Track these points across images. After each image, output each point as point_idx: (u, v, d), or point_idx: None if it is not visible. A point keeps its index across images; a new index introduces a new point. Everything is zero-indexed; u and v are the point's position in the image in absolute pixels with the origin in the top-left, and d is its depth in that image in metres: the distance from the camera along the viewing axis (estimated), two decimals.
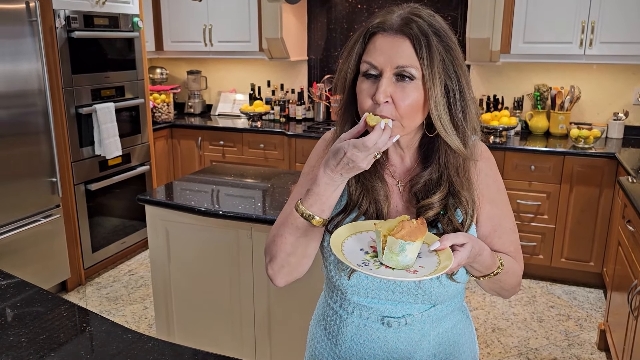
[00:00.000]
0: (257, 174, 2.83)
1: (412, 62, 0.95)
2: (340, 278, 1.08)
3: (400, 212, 1.08)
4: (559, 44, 3.55)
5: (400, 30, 0.95)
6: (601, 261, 3.46)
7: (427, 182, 1.04)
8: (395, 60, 0.95)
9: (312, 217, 0.98)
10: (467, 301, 3.36)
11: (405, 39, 0.95)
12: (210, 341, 2.50)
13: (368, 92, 0.97)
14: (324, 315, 1.20)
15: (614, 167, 3.30)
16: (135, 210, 3.96)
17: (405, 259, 0.90)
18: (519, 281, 1.14)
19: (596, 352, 2.85)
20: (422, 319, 1.10)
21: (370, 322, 1.11)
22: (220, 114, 4.90)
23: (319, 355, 1.21)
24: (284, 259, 1.06)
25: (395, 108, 0.95)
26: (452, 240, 0.92)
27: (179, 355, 1.18)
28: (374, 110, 0.95)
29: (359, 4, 4.31)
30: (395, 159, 1.10)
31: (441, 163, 1.03)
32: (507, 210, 1.13)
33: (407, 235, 0.88)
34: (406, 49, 0.95)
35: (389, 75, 0.95)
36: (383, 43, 0.96)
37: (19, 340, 1.22)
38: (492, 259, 1.02)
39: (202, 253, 2.41)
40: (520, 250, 1.15)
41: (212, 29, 4.43)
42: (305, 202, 0.98)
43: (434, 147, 1.05)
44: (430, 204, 1.02)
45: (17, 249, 3.09)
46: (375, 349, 1.11)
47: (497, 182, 1.12)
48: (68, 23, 3.30)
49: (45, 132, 3.20)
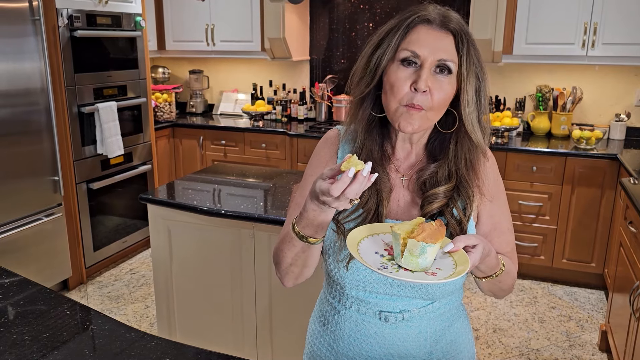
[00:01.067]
0: (259, 173, 2.84)
1: (453, 57, 1.00)
2: (339, 271, 1.09)
3: (402, 204, 1.10)
4: (561, 45, 3.55)
5: (445, 25, 1.00)
6: (603, 262, 3.46)
7: (434, 174, 1.07)
8: (439, 54, 0.99)
9: (307, 239, 0.99)
10: (469, 302, 3.36)
11: (449, 34, 1.00)
12: (211, 340, 2.50)
13: (406, 80, 0.99)
14: (323, 311, 1.21)
15: (615, 169, 3.30)
16: (137, 209, 3.97)
17: (425, 261, 0.91)
18: (514, 282, 1.16)
19: (597, 353, 2.85)
20: (419, 315, 1.10)
21: (368, 317, 1.11)
22: (222, 114, 4.90)
23: (317, 351, 1.22)
24: (287, 268, 1.09)
25: (431, 99, 0.99)
26: (465, 242, 0.93)
27: (181, 354, 1.18)
28: (410, 99, 0.98)
29: (362, 4, 4.31)
30: (401, 154, 1.12)
31: (451, 157, 1.06)
32: (506, 211, 1.15)
33: (429, 237, 0.89)
34: (449, 44, 1.00)
35: (430, 67, 0.99)
36: (428, 35, 1.00)
37: (22, 338, 1.22)
38: (496, 259, 1.04)
39: (203, 252, 2.41)
40: (515, 251, 1.18)
41: (214, 29, 4.44)
42: (299, 224, 0.99)
43: (442, 145, 1.08)
44: (436, 194, 1.05)
45: (19, 247, 3.10)
46: (373, 344, 1.12)
47: (497, 181, 1.14)
48: (71, 22, 3.31)
49: (47, 131, 3.20)
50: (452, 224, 1.04)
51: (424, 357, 1.13)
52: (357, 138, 1.10)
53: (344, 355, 1.15)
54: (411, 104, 0.98)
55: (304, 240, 0.99)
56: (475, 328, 3.09)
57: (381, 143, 1.11)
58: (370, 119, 1.08)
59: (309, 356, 1.25)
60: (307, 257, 1.05)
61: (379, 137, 1.10)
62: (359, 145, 1.09)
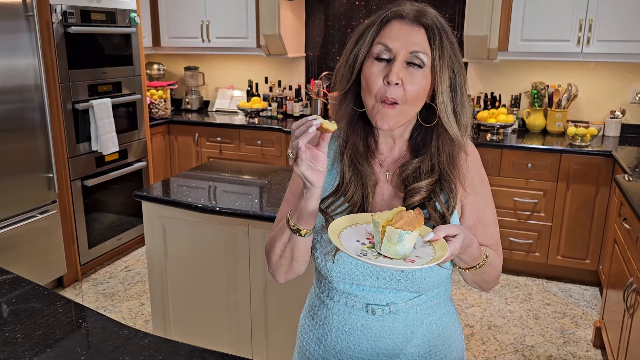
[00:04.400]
0: (254, 170, 2.83)
1: (425, 49, 1.02)
2: (326, 264, 1.10)
3: (386, 198, 1.12)
4: (556, 42, 3.55)
5: (417, 19, 1.03)
6: (597, 259, 3.47)
7: (417, 169, 1.09)
8: (411, 46, 1.01)
9: (299, 231, 1.04)
10: (464, 298, 3.37)
11: (421, 28, 1.03)
12: (206, 337, 2.50)
13: (379, 74, 1.02)
14: (312, 306, 1.23)
15: (610, 165, 3.31)
16: (132, 206, 3.96)
17: (404, 248, 0.92)
18: (499, 273, 1.18)
19: (592, 350, 2.87)
20: (406, 308, 1.12)
21: (355, 310, 1.13)
22: (217, 111, 4.89)
23: (306, 345, 1.23)
24: (276, 261, 1.12)
25: (404, 91, 1.01)
26: (445, 231, 0.95)
27: (175, 351, 1.18)
28: (383, 93, 1.01)
29: (357, 1, 4.30)
30: (384, 149, 1.14)
31: (433, 151, 1.08)
32: (490, 204, 1.17)
33: (406, 225, 0.91)
34: (421, 37, 1.02)
35: (402, 60, 1.01)
36: (400, 29, 1.02)
37: (15, 336, 1.22)
38: (479, 250, 1.06)
39: (198, 249, 2.41)
40: (500, 243, 1.20)
41: (209, 25, 4.42)
42: (292, 217, 1.04)
43: (425, 139, 1.10)
44: (418, 187, 1.07)
45: (13, 244, 3.09)
46: (360, 337, 1.13)
47: (480, 174, 1.16)
48: (65, 18, 3.29)
49: (41, 128, 3.18)
50: (435, 217, 1.06)
51: (411, 349, 1.14)
52: (342, 134, 1.13)
53: (332, 348, 1.17)
54: (384, 97, 1.01)
55: (297, 233, 1.03)
56: (470, 325, 3.09)
57: (365, 138, 1.13)
58: (353, 115, 1.11)
59: (299, 351, 1.27)
60: (293, 248, 1.07)
61: (363, 132, 1.12)
62: (344, 140, 1.12)
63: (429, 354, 1.16)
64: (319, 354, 1.20)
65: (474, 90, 4.12)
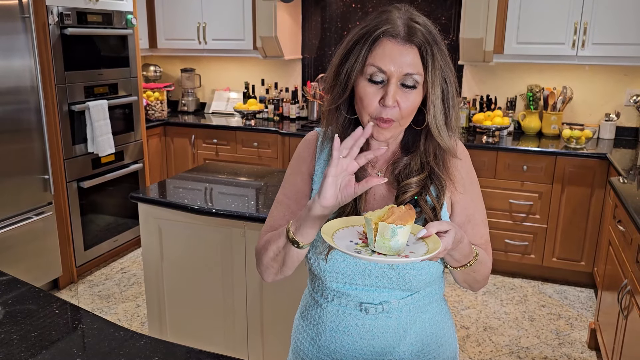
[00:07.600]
0: (251, 172, 2.83)
1: (419, 69, 1.02)
2: (319, 264, 1.11)
3: (379, 197, 1.14)
4: (551, 44, 3.57)
5: (409, 38, 1.01)
6: (592, 261, 3.48)
7: (407, 166, 1.11)
8: (404, 68, 1.01)
9: (298, 244, 1.04)
10: (459, 300, 3.38)
11: (414, 48, 1.01)
12: (202, 339, 2.50)
13: (374, 96, 1.02)
14: (306, 306, 1.24)
15: (605, 168, 3.32)
16: (128, 208, 3.95)
17: (397, 243, 0.93)
18: (489, 272, 1.19)
19: (586, 351, 2.88)
20: (399, 306, 1.13)
21: (348, 309, 1.14)
22: (214, 112, 4.89)
23: (300, 345, 1.24)
24: (268, 262, 1.13)
25: (399, 110, 1.02)
26: (437, 228, 0.96)
27: (171, 353, 1.18)
28: (379, 113, 1.02)
29: (353, 3, 4.31)
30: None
31: (421, 150, 1.10)
32: (480, 204, 1.19)
33: (398, 220, 0.92)
34: (413, 57, 1.01)
35: (396, 82, 1.01)
36: (393, 50, 1.01)
37: (10, 337, 1.21)
38: (469, 247, 1.07)
39: (194, 251, 2.41)
40: (489, 243, 1.21)
41: (206, 27, 4.42)
42: (293, 226, 1.04)
43: (414, 138, 1.12)
44: (409, 184, 1.08)
45: (9, 246, 3.08)
46: (353, 335, 1.14)
47: (470, 174, 1.18)
48: (61, 19, 3.29)
49: (37, 129, 3.18)
50: (427, 212, 1.08)
51: (404, 348, 1.15)
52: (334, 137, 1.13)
53: (326, 348, 1.18)
54: (380, 117, 1.02)
55: (294, 244, 1.03)
56: (466, 326, 3.10)
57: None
58: (346, 123, 1.12)
59: (293, 352, 1.28)
60: (286, 255, 1.08)
61: None
62: None
63: (422, 352, 1.17)
64: (313, 353, 1.20)
65: (470, 93, 4.14)
